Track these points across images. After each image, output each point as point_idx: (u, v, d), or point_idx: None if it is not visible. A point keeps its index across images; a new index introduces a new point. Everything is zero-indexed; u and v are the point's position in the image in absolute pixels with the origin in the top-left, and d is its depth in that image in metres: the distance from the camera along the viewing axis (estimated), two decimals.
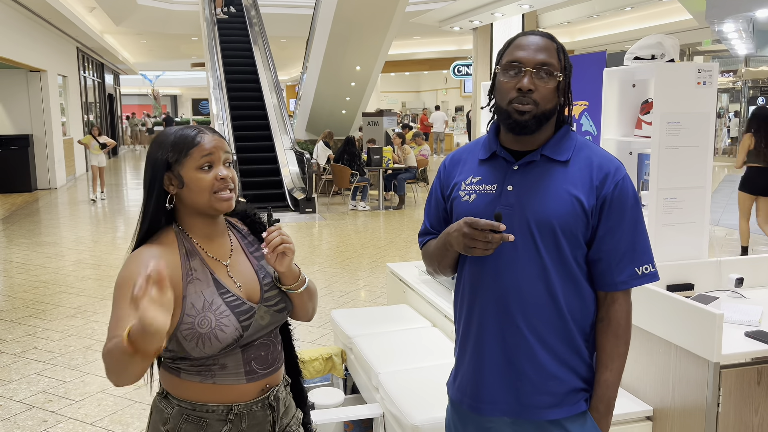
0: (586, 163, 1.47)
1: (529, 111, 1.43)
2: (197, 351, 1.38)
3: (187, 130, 1.44)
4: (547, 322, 1.45)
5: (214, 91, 12.54)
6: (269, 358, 1.50)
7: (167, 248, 1.42)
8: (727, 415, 2.05)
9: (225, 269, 1.47)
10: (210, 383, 1.43)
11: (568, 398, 1.48)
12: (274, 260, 1.45)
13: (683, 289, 2.66)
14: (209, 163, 1.42)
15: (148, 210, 1.44)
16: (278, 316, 1.51)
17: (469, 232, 1.39)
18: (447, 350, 2.97)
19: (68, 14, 12.46)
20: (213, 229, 1.49)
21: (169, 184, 1.43)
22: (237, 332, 1.40)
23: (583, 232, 1.45)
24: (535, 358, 1.46)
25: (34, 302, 5.63)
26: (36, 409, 3.61)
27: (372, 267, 6.81)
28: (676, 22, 14.40)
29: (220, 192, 1.42)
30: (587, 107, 3.43)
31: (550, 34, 1.50)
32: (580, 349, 1.49)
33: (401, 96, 29.92)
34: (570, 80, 1.49)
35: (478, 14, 11.24)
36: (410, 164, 11.07)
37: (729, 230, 8.24)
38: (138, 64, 26.72)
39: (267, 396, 1.50)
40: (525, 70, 1.43)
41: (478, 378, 1.51)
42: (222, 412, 1.44)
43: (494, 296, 1.47)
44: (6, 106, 13.22)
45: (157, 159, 1.43)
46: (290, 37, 18.10)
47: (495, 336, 1.48)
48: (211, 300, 1.40)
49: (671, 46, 2.77)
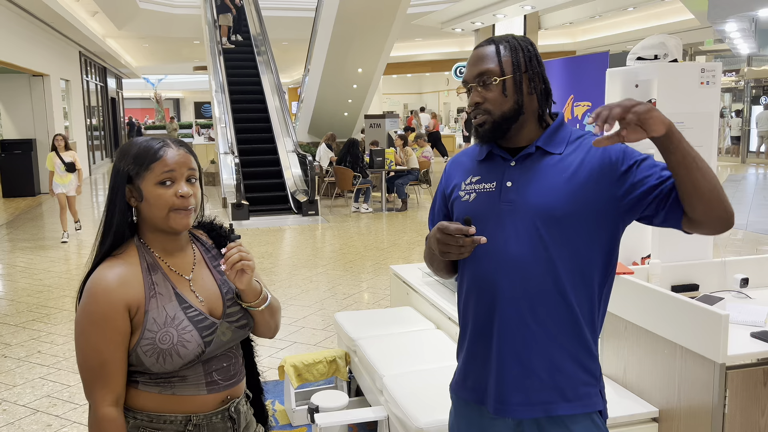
0: (584, 149, 1.47)
1: (485, 121, 1.48)
2: (157, 366, 1.36)
3: (152, 142, 1.40)
4: (555, 316, 1.44)
5: (216, 94, 12.56)
6: (231, 370, 1.47)
7: (129, 263, 1.39)
8: (733, 417, 2.04)
9: (188, 283, 1.44)
10: (169, 394, 1.40)
11: (579, 393, 1.47)
12: (234, 277, 1.41)
13: (688, 289, 2.65)
14: (170, 179, 1.38)
15: (111, 222, 1.41)
16: (240, 332, 1.48)
17: (441, 238, 1.42)
18: (451, 352, 2.97)
19: (71, 19, 12.49)
20: (175, 244, 1.45)
21: (131, 196, 1.40)
22: (199, 348, 1.38)
23: (593, 215, 1.42)
24: (545, 354, 1.45)
25: (38, 306, 5.63)
26: (40, 413, 3.61)
27: (375, 269, 6.81)
28: (678, 22, 14.40)
29: (178, 209, 1.38)
30: (590, 108, 3.42)
31: (498, 37, 1.50)
32: (589, 342, 1.48)
33: (403, 98, 29.93)
34: (534, 73, 1.47)
35: (480, 16, 11.25)
36: (413, 166, 11.07)
37: (733, 230, 8.22)
38: (140, 68, 26.78)
39: (227, 408, 1.46)
40: (469, 87, 1.50)
41: (497, 378, 1.49)
42: (180, 422, 1.40)
43: (501, 292, 1.46)
44: (9, 111, 13.26)
45: (120, 170, 1.39)
46: (292, 39, 18.13)
47: (505, 333, 1.47)
48: (173, 315, 1.38)
49: (674, 46, 2.76)
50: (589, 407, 1.49)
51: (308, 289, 6.09)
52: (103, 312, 1.33)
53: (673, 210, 1.37)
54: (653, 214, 1.40)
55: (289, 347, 4.54)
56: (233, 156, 10.72)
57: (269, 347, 4.50)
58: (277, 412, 3.52)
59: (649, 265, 2.62)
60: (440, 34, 16.43)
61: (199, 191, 1.45)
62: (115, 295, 1.34)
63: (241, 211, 9.99)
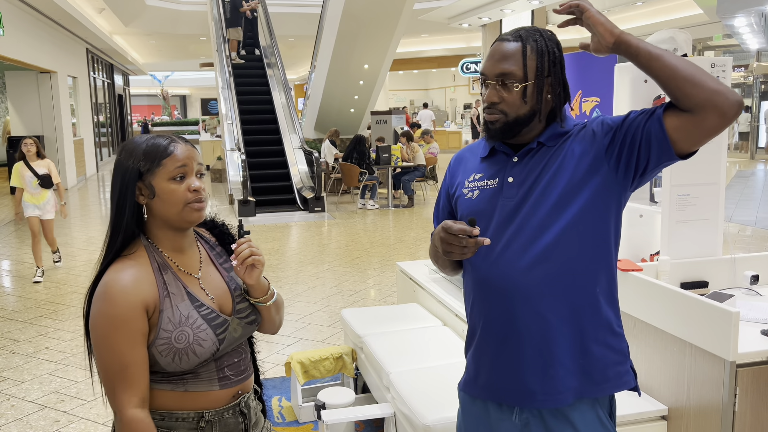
0: (581, 137, 1.47)
1: (498, 120, 1.46)
2: (173, 366, 1.36)
3: (159, 139, 1.40)
4: (568, 303, 1.43)
5: (222, 90, 12.56)
6: (242, 365, 1.49)
7: (140, 263, 1.39)
8: (743, 415, 2.02)
9: (197, 282, 1.45)
10: (181, 391, 1.40)
11: (607, 375, 1.47)
12: (243, 272, 1.42)
13: (698, 286, 2.63)
14: (182, 174, 1.38)
15: (120, 222, 1.39)
16: (249, 328, 1.49)
17: (444, 237, 1.40)
18: (458, 349, 2.96)
19: (78, 16, 12.52)
20: (183, 242, 1.45)
21: (140, 194, 1.39)
22: (214, 346, 1.39)
23: (600, 191, 1.43)
24: (565, 342, 1.44)
25: (45, 302, 5.66)
26: (48, 409, 3.62)
27: (382, 266, 6.80)
28: (686, 17, 14.30)
29: (192, 203, 1.39)
30: (599, 103, 3.39)
31: (526, 33, 1.44)
32: (607, 323, 1.47)
33: (409, 94, 29.87)
34: (555, 78, 1.45)
35: (487, 11, 11.21)
36: (419, 162, 11.06)
37: (742, 226, 8.17)
38: (147, 65, 26.84)
39: (238, 403, 1.47)
40: (488, 83, 1.46)
41: (516, 372, 1.47)
42: (193, 419, 1.41)
43: (510, 287, 1.45)
44: (17, 108, 13.32)
45: (128, 168, 1.38)
46: (298, 36, 18.11)
47: (519, 327, 1.45)
48: (187, 314, 1.38)
49: (684, 41, 2.73)
50: (619, 386, 1.49)
51: (315, 285, 6.09)
52: (122, 314, 1.32)
53: (659, 140, 1.36)
54: (646, 159, 1.39)
55: (295, 344, 4.54)
56: (240, 152, 10.74)
57: (276, 344, 4.50)
58: (284, 408, 3.52)
59: (658, 262, 2.60)
60: (447, 29, 16.37)
61: (205, 186, 1.47)
62: (132, 296, 1.34)
63: (248, 208, 10.00)
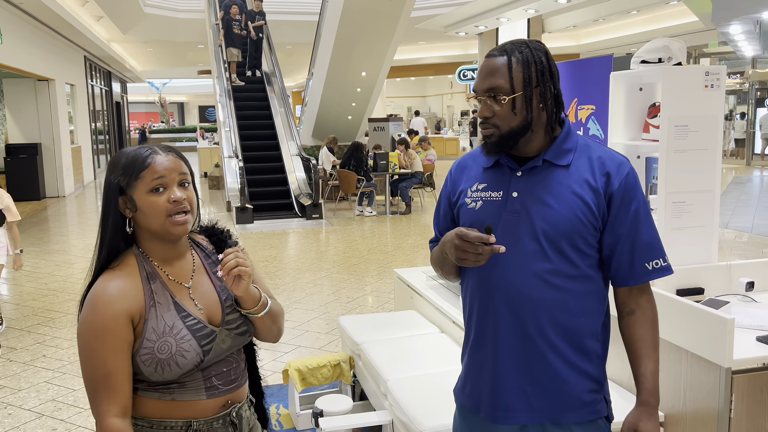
0: (588, 164, 1.47)
1: (492, 134, 1.47)
2: (156, 376, 1.35)
3: (140, 150, 1.39)
4: (557, 326, 1.45)
5: (220, 98, 12.58)
6: (231, 374, 1.46)
7: (128, 273, 1.39)
8: (739, 421, 2.03)
9: (186, 291, 1.43)
10: (168, 400, 1.39)
11: (583, 401, 1.48)
12: (231, 284, 1.39)
13: (693, 293, 2.64)
14: (161, 185, 1.36)
15: (105, 236, 1.40)
16: (240, 339, 1.46)
17: (459, 244, 1.40)
18: (455, 356, 2.96)
19: (76, 23, 12.54)
20: (174, 251, 1.44)
21: (125, 207, 1.39)
22: (198, 357, 1.37)
23: (592, 232, 1.45)
24: (546, 363, 1.45)
25: (43, 310, 5.65)
26: (45, 417, 3.61)
27: (379, 273, 6.80)
28: (682, 24, 14.37)
29: (174, 215, 1.37)
30: (594, 111, 3.41)
31: (511, 46, 1.45)
32: (590, 351, 1.48)
33: (407, 101, 29.92)
34: (545, 87, 1.45)
35: (484, 19, 11.26)
36: (417, 169, 11.07)
37: (738, 233, 8.19)
38: (145, 72, 26.87)
39: (228, 413, 1.45)
40: (479, 99, 1.48)
41: (494, 386, 1.50)
42: (181, 428, 1.40)
43: (504, 302, 1.47)
44: (15, 115, 13.32)
45: (111, 182, 1.39)
46: (296, 43, 18.16)
47: (507, 342, 1.47)
48: (171, 324, 1.37)
49: (678, 49, 2.76)
50: (593, 414, 1.49)
51: (312, 292, 6.09)
52: (105, 323, 1.33)
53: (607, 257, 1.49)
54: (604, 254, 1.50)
55: (293, 351, 4.54)
56: (237, 160, 10.74)
57: (273, 351, 4.50)
58: (282, 416, 3.52)
59: None
60: (444, 37, 16.44)
61: (194, 195, 1.44)
62: (116, 306, 1.34)
63: (246, 215, 10.01)
